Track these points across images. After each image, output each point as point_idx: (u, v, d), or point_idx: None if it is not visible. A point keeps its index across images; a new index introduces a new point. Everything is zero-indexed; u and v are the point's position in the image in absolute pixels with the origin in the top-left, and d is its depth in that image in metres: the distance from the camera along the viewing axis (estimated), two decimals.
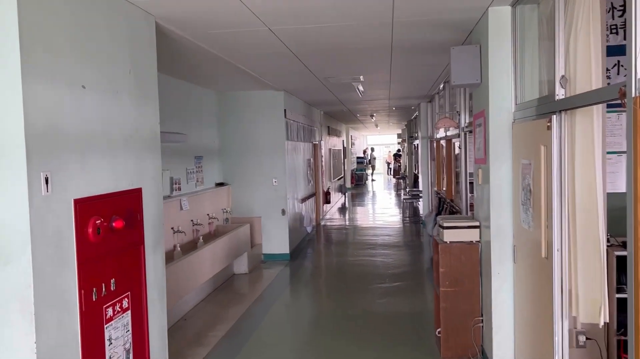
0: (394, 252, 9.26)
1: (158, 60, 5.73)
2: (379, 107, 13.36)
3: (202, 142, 7.82)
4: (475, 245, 4.48)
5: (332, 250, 10.20)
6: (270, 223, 8.69)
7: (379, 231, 11.74)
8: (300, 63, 6.14)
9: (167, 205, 6.23)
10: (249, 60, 5.91)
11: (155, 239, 3.73)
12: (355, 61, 6.27)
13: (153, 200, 3.72)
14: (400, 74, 7.45)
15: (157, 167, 3.81)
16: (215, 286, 7.07)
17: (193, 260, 5.96)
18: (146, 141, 3.64)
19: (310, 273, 8.23)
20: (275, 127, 8.61)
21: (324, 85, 8.11)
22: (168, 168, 6.56)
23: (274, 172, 8.63)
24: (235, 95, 8.62)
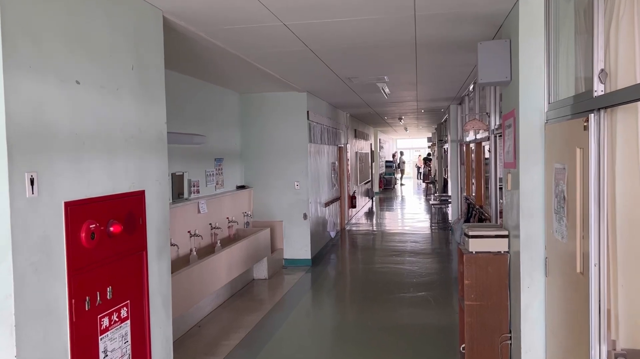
0: (420, 260, 8.91)
1: (175, 59, 5.61)
2: (407, 110, 13.02)
3: (222, 143, 7.67)
4: (504, 256, 4.14)
5: (356, 256, 9.92)
6: (291, 227, 8.48)
7: (406, 237, 11.39)
8: (321, 62, 5.91)
9: (184, 208, 6.09)
10: (267, 60, 5.71)
11: (159, 244, 3.55)
12: (378, 60, 6.00)
13: (158, 204, 3.53)
14: (427, 74, 7.14)
15: (163, 169, 3.63)
16: (233, 291, 6.89)
17: (209, 264, 5.78)
18: (151, 141, 3.46)
19: (332, 280, 7.98)
20: (298, 129, 8.40)
21: (347, 86, 7.86)
22: (186, 170, 6.42)
23: (295, 175, 8.41)
24: (258, 97, 8.45)
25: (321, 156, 9.54)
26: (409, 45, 5.18)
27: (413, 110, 13.21)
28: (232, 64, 5.92)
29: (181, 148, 6.32)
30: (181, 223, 6.09)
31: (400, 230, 12.45)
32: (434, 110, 13.33)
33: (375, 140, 21.98)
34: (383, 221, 14.22)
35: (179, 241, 5.94)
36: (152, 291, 3.44)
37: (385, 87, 7.95)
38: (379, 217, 15.25)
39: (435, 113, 14.17)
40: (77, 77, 2.71)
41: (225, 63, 5.91)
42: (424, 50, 5.47)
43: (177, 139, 6.06)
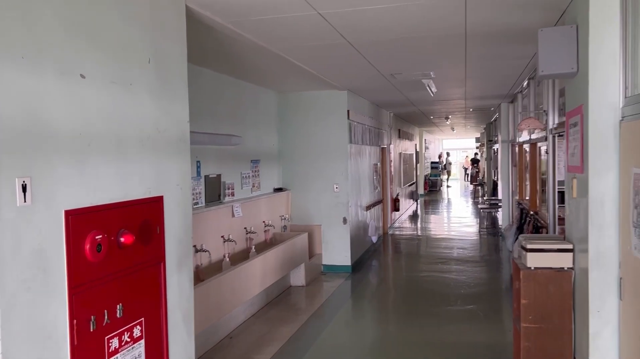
0: (468, 268, 8.36)
1: (206, 55, 5.34)
2: (455, 108, 12.41)
3: (259, 144, 7.38)
4: (567, 273, 3.62)
5: (399, 262, 9.44)
6: (330, 232, 8.11)
7: (453, 243, 10.81)
8: (361, 57, 5.50)
9: (217, 212, 5.82)
10: (303, 55, 5.36)
11: (180, 255, 3.24)
12: (423, 54, 5.54)
13: (178, 211, 3.23)
14: (477, 69, 6.61)
15: (185, 173, 3.33)
16: (269, 299, 6.58)
17: (242, 271, 5.48)
18: (171, 142, 3.16)
19: (372, 289, 7.55)
20: (338, 129, 8.01)
21: (390, 83, 7.41)
22: (220, 172, 6.16)
23: (335, 177, 8.03)
24: (296, 96, 8.12)
25: (362, 157, 9.12)
26: (458, 36, 4.71)
27: (461, 109, 12.58)
28: (266, 61, 5.60)
29: (215, 149, 6.06)
30: (214, 227, 5.82)
31: (447, 235, 11.87)
32: (483, 109, 12.66)
33: (421, 141, 21.33)
34: (428, 226, 13.65)
35: (211, 247, 5.68)
36: (171, 307, 3.13)
37: (432, 84, 7.46)
38: (424, 221, 14.67)
39: (484, 112, 13.48)
40: (81, 70, 2.42)
41: (260, 60, 5.59)
42: (474, 42, 4.98)
43: (211, 140, 5.80)
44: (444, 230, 12.93)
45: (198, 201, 5.65)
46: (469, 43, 5.01)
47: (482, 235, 11.74)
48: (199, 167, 5.71)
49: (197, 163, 5.67)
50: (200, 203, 5.68)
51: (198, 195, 5.66)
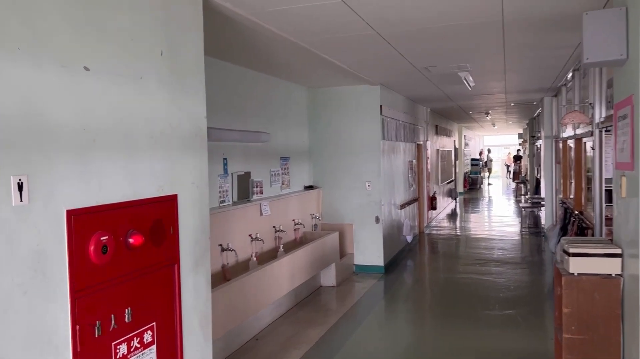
0: (508, 270, 7.98)
1: (231, 49, 5.21)
2: (495, 103, 11.94)
3: (289, 141, 7.23)
4: (615, 280, 3.30)
5: (435, 263, 9.13)
6: (362, 231, 7.88)
7: (493, 243, 10.40)
8: (391, 48, 5.26)
9: (244, 210, 5.71)
10: (332, 48, 5.16)
11: (196, 256, 3.11)
12: (458, 44, 5.25)
13: (195, 210, 3.09)
14: (517, 61, 6.25)
15: (202, 170, 3.19)
16: (297, 300, 6.42)
17: (268, 271, 5.34)
18: (186, 138, 3.03)
19: (406, 290, 7.29)
20: (370, 125, 7.77)
21: (424, 76, 7.12)
22: (249, 170, 6.03)
23: (367, 175, 7.80)
24: (327, 91, 7.93)
25: (396, 154, 8.85)
26: (495, 24, 4.41)
27: (501, 104, 12.11)
28: (294, 55, 5.43)
29: (243, 146, 5.94)
30: (241, 226, 5.71)
31: (486, 235, 11.44)
32: (525, 104, 12.14)
33: (460, 137, 20.78)
34: (467, 225, 13.22)
35: (238, 246, 5.56)
36: (186, 310, 3.00)
37: (469, 77, 7.12)
38: (463, 220, 14.23)
39: (526, 106, 12.94)
40: (85, 62, 2.31)
41: (288, 54, 5.43)
42: (513, 30, 4.66)
43: (238, 137, 5.69)
44: (484, 229, 12.48)
45: (225, 199, 5.55)
46: (508, 31, 4.70)
47: (523, 235, 11.26)
48: (226, 165, 5.60)
49: (224, 161, 5.57)
50: (227, 201, 5.57)
51: (225, 193, 5.55)
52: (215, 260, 5.21)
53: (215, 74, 5.40)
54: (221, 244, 5.28)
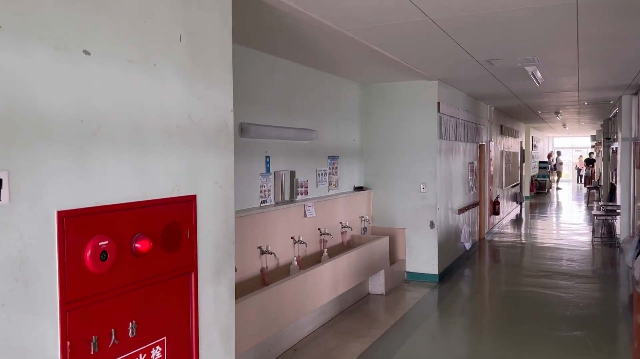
0: (577, 285, 7.25)
1: (274, 41, 4.92)
2: (566, 102, 11.06)
3: (339, 140, 6.88)
4: None
5: (495, 274, 8.49)
6: (416, 236, 7.41)
7: (560, 253, 9.59)
8: (447, 37, 4.79)
9: (287, 211, 5.42)
10: (380, 37, 4.75)
11: (218, 263, 2.82)
12: (524, 34, 4.70)
13: (217, 212, 2.80)
14: (593, 53, 5.59)
15: (227, 169, 2.89)
16: (342, 308, 6.06)
17: (311, 276, 5.02)
18: (209, 134, 2.74)
19: (461, 302, 6.76)
20: (426, 123, 7.28)
21: (487, 71, 6.56)
22: (293, 169, 5.74)
23: (422, 176, 7.32)
24: (380, 87, 7.51)
25: (455, 154, 8.29)
26: (568, 7, 3.86)
27: (573, 103, 11.20)
28: (341, 46, 5.08)
29: (288, 144, 5.65)
30: (283, 228, 5.42)
31: (554, 243, 10.60)
32: (600, 103, 11.17)
33: (527, 138, 19.66)
34: (532, 232, 12.36)
35: (279, 249, 5.28)
36: (204, 324, 2.71)
37: (537, 72, 6.49)
38: (528, 226, 13.34)
39: (601, 106, 11.94)
40: (84, 45, 2.05)
41: (334, 46, 5.08)
42: (588, 15, 4.09)
43: (282, 134, 5.41)
44: (551, 237, 11.61)
45: (267, 199, 5.27)
46: (582, 17, 4.13)
47: (595, 245, 10.34)
48: (269, 163, 5.32)
49: (267, 159, 5.29)
50: (269, 202, 5.30)
51: (267, 193, 5.28)
52: (254, 263, 4.95)
53: (256, 67, 5.14)
54: (260, 246, 5.01)
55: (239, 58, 4.86)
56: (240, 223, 4.71)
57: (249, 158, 5.01)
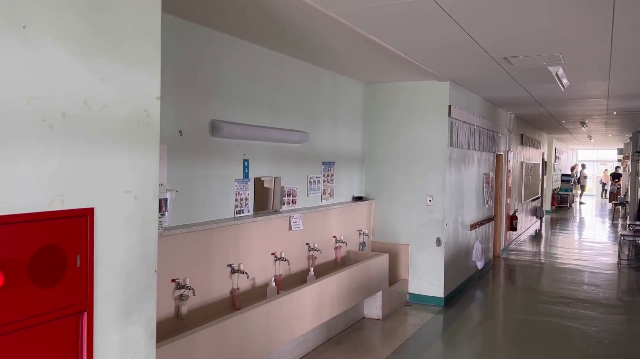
0: (600, 315, 6.41)
1: (261, 28, 4.26)
2: (593, 111, 10.18)
3: (336, 144, 6.17)
4: None
5: (509, 298, 7.67)
6: (420, 253, 6.65)
7: (582, 276, 8.72)
8: (458, 28, 4.05)
9: (267, 223, 4.74)
10: (381, 26, 4.05)
11: (128, 299, 2.14)
12: (548, 24, 3.95)
13: (128, 231, 2.13)
14: (628, 50, 4.80)
15: (147, 174, 2.22)
16: (330, 334, 5.33)
17: (291, 300, 4.31)
18: (117, 126, 2.07)
19: (468, 332, 5.97)
20: (435, 128, 6.53)
21: (505, 71, 5.79)
22: (278, 175, 5.05)
23: (429, 188, 6.56)
24: (387, 88, 6.78)
25: (468, 164, 7.51)
26: None
27: (601, 112, 10.31)
28: (338, 37, 4.38)
29: (272, 147, 4.96)
30: (263, 242, 4.73)
31: (575, 265, 9.71)
32: (632, 112, 10.27)
33: (550, 149, 18.68)
34: (552, 250, 11.45)
35: (256, 268, 4.60)
36: None
37: (562, 73, 5.71)
38: (548, 244, 12.43)
39: (632, 116, 11.02)
40: None
41: (330, 36, 4.39)
42: (626, 6, 3.32)
43: (265, 135, 4.73)
44: (572, 256, 10.70)
45: (243, 209, 4.59)
46: (619, 8, 3.36)
47: (622, 268, 9.43)
48: (247, 167, 4.65)
49: (245, 163, 4.61)
50: (246, 212, 4.62)
51: (244, 202, 4.60)
52: (223, 283, 4.27)
53: (236, 57, 4.47)
54: (231, 264, 4.32)
55: (211, 44, 4.20)
56: (206, 237, 4.04)
57: (222, 162, 4.34)
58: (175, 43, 3.86)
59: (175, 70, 3.86)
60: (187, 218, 3.97)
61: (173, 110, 3.84)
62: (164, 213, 3.74)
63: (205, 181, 4.15)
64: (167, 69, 3.77)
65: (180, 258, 3.81)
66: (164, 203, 3.75)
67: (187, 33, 3.97)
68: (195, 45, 4.05)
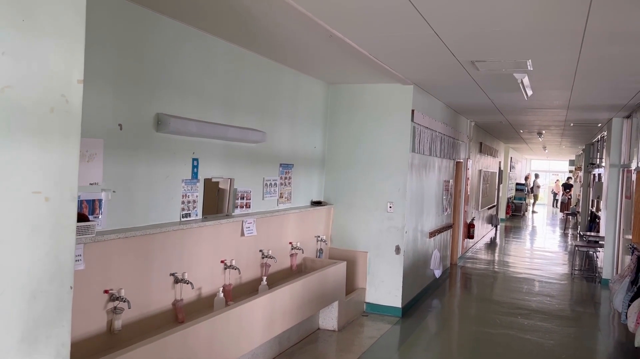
0: (556, 327, 6.34)
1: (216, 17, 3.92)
2: (552, 121, 10.27)
3: (294, 145, 5.86)
4: None
5: (466, 308, 7.53)
6: (379, 261, 6.41)
7: (537, 286, 8.71)
8: (429, 28, 3.82)
9: (217, 229, 4.38)
10: (340, 19, 3.77)
11: (33, 323, 1.76)
12: (520, 30, 3.77)
13: (33, 240, 1.75)
14: (596, 59, 4.70)
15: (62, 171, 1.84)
16: (283, 347, 5.00)
17: (239, 313, 3.96)
18: (22, 113, 1.69)
19: (424, 345, 5.75)
20: (398, 132, 6.32)
21: (470, 76, 5.63)
22: (230, 176, 4.70)
23: (389, 194, 6.34)
24: (349, 89, 6.53)
25: (429, 171, 7.35)
26: None
27: (559, 123, 10.43)
28: (296, 30, 4.08)
29: (225, 146, 4.61)
30: (211, 249, 4.37)
31: (529, 274, 9.73)
32: (587, 125, 10.42)
33: (506, 158, 18.97)
34: (507, 259, 11.49)
35: (203, 276, 4.23)
36: None
37: (527, 82, 5.60)
38: (503, 252, 12.49)
39: (587, 128, 11.20)
40: None
41: (288, 29, 4.08)
42: (602, 7, 3.16)
43: (216, 132, 4.37)
44: (527, 265, 10.75)
45: (191, 212, 4.21)
46: (595, 8, 3.20)
47: (574, 278, 9.50)
48: (196, 167, 4.27)
49: (194, 162, 4.24)
50: (193, 216, 4.24)
51: (191, 204, 4.22)
52: (164, 294, 3.88)
53: (187, 47, 4.09)
54: (175, 273, 3.94)
55: (160, 30, 3.81)
56: (146, 242, 3.65)
57: (168, 160, 3.96)
58: (118, 26, 3.46)
59: (117, 56, 3.46)
60: (125, 221, 3.57)
61: (112, 100, 3.43)
62: (97, 215, 3.34)
63: (147, 181, 3.76)
64: (106, 54, 3.38)
65: (114, 267, 3.41)
66: (97, 205, 3.35)
67: (134, 16, 3.58)
68: (142, 30, 3.66)
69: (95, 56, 3.28)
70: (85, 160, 3.25)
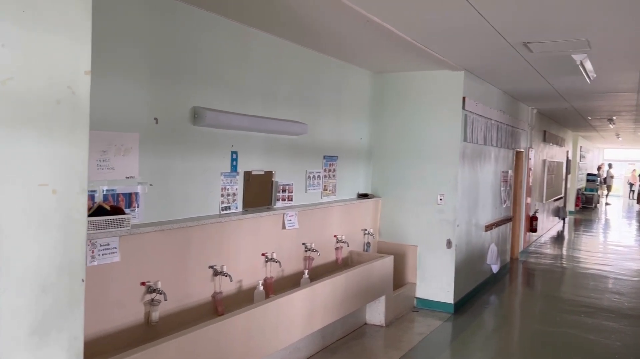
0: (625, 328, 5.88)
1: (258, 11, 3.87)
2: (622, 106, 9.55)
3: (339, 137, 5.75)
4: None
5: (526, 306, 7.16)
6: (429, 256, 6.19)
7: (606, 283, 8.15)
8: (472, 9, 3.59)
9: (258, 221, 4.37)
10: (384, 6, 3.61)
11: (42, 316, 1.76)
12: (573, 5, 3.46)
13: (41, 232, 1.75)
14: None
15: (70, 163, 1.84)
16: (326, 343, 4.92)
17: (279, 306, 3.92)
18: (24, 105, 1.70)
19: (478, 343, 5.49)
20: (448, 121, 6.06)
21: (524, 59, 5.29)
22: (270, 169, 4.66)
23: (440, 186, 6.10)
24: (397, 77, 6.33)
25: (484, 161, 7.01)
26: None
27: (630, 108, 9.67)
28: (338, 20, 3.96)
29: (265, 138, 4.57)
30: (252, 242, 4.35)
31: (598, 270, 9.12)
32: None
33: (575, 148, 17.93)
34: (574, 254, 10.85)
35: (243, 269, 4.23)
36: None
37: (587, 62, 5.18)
38: (570, 246, 11.81)
39: None
40: None
41: (330, 18, 3.97)
42: None
43: (256, 125, 4.34)
44: (596, 261, 10.09)
45: (230, 205, 4.21)
46: None
47: None
48: (236, 160, 4.26)
49: (233, 155, 4.23)
50: (233, 208, 4.23)
51: (231, 198, 4.22)
52: (204, 287, 3.90)
53: (224, 39, 4.07)
54: (214, 266, 3.95)
55: (192, 23, 3.81)
56: (184, 235, 3.67)
57: (206, 153, 3.97)
58: (154, 19, 3.48)
59: (152, 49, 3.48)
60: (163, 214, 3.61)
61: (146, 95, 3.46)
62: (134, 208, 3.39)
63: (185, 175, 3.78)
64: (142, 48, 3.41)
65: (151, 259, 3.45)
66: (134, 198, 3.39)
67: (169, 9, 3.59)
68: (178, 23, 3.66)
69: (130, 50, 3.32)
70: (121, 154, 3.30)
